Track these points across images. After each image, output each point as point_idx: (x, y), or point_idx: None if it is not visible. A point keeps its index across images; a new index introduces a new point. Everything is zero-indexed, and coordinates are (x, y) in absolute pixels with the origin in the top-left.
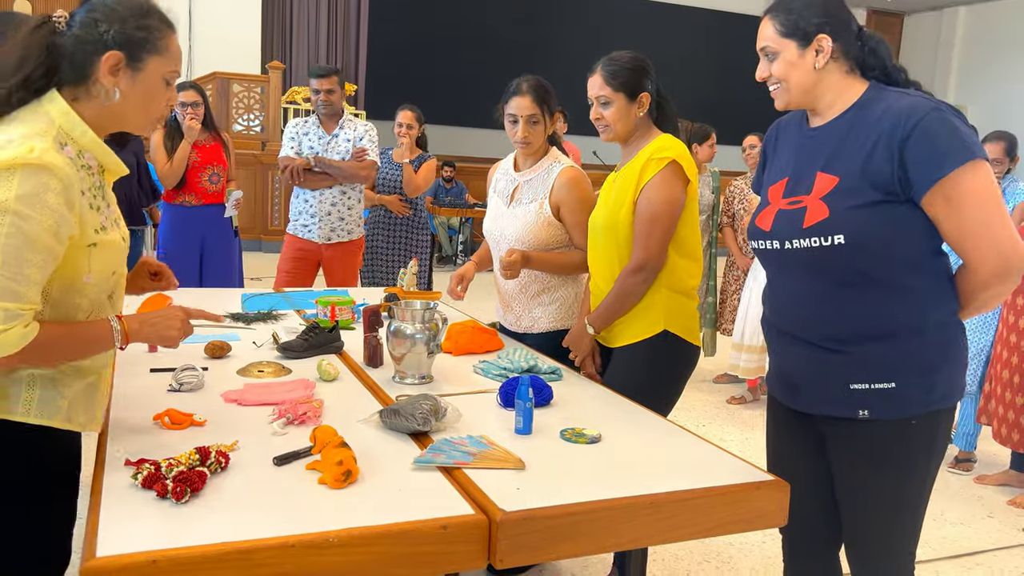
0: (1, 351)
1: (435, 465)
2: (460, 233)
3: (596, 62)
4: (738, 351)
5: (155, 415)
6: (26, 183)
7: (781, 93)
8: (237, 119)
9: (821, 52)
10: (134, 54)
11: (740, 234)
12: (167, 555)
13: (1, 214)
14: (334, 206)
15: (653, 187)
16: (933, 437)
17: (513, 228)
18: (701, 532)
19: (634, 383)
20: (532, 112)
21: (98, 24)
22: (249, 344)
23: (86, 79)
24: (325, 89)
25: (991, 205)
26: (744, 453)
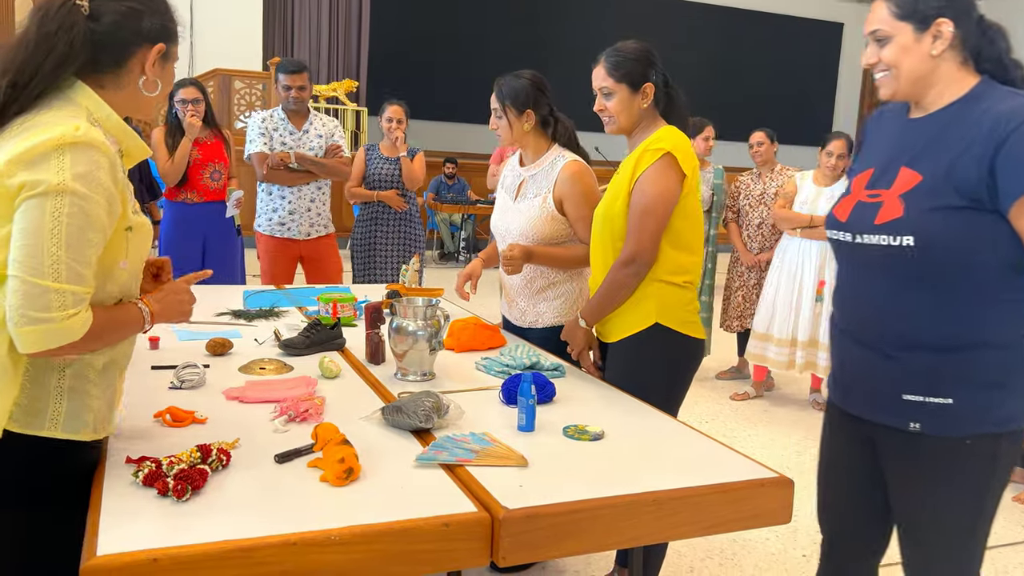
0: (68, 336)
1: (437, 462)
2: (462, 230)
3: (602, 52)
4: (765, 342)
5: (156, 413)
6: (79, 162)
7: (888, 81)
8: (238, 116)
9: (939, 38)
10: (169, 45)
11: (745, 230)
12: (168, 553)
13: (60, 195)
14: (313, 202)
15: (647, 179)
16: (991, 461)
17: (518, 223)
18: (704, 529)
19: (631, 378)
20: (495, 106)
21: (140, 14)
22: (251, 341)
23: (119, 68)
24: (297, 85)
25: None
26: (747, 449)
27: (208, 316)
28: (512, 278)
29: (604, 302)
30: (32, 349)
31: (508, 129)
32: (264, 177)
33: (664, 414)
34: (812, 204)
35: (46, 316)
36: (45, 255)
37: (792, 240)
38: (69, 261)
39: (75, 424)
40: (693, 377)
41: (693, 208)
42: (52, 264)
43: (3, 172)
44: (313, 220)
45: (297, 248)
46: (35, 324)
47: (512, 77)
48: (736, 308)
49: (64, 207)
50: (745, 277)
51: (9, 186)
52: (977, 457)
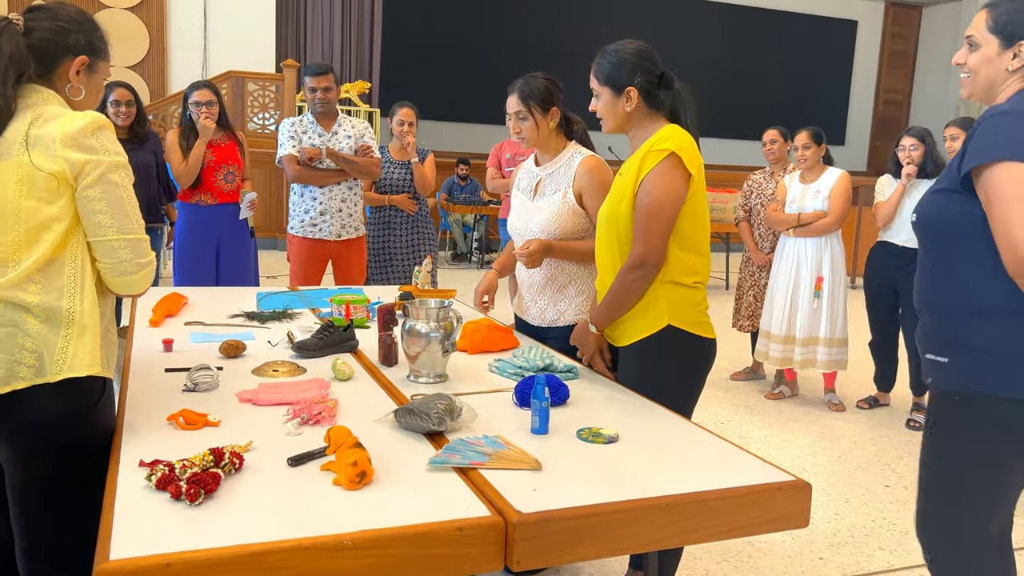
0: (147, 283)
1: (450, 466)
2: (475, 230)
3: None
4: (767, 339)
5: (169, 415)
6: (112, 140)
7: (968, 83)
8: (252, 118)
9: (1018, 57)
10: (93, 60)
11: (756, 229)
12: (181, 558)
13: (120, 168)
14: (344, 202)
15: (651, 180)
16: (972, 420)
17: (538, 220)
18: (720, 534)
19: (645, 381)
20: (518, 109)
21: (68, 32)
22: (264, 343)
23: (48, 76)
24: (322, 87)
25: (1005, 203)
26: (762, 451)
27: (221, 318)
28: (532, 276)
29: (614, 306)
30: (141, 288)
31: (535, 129)
32: (295, 178)
33: (679, 416)
34: (800, 202)
35: (148, 259)
36: (131, 215)
37: (788, 239)
38: (137, 218)
39: (111, 364)
40: (707, 377)
41: (700, 208)
42: (136, 220)
43: (58, 153)
44: (344, 221)
45: (327, 249)
46: (144, 268)
47: (529, 78)
48: (748, 308)
49: (124, 177)
50: (756, 277)
51: (70, 163)
52: (960, 414)
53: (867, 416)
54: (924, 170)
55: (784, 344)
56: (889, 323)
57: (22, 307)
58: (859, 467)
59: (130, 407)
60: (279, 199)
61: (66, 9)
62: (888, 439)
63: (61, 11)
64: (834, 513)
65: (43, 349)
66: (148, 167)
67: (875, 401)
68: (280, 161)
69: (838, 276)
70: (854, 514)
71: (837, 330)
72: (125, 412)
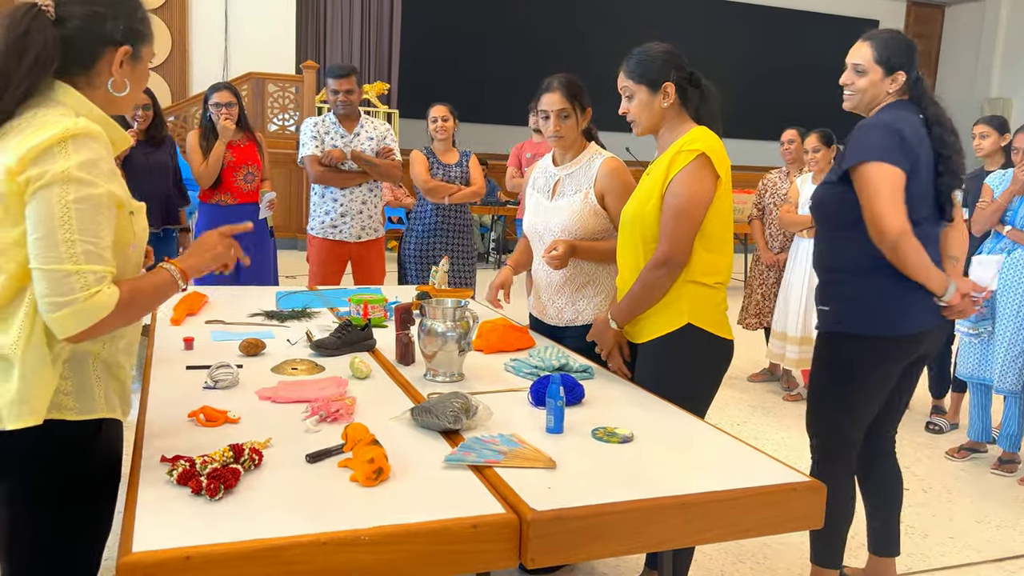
0: (97, 313)
1: (466, 464)
2: (492, 231)
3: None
4: (782, 340)
5: (190, 412)
6: (81, 151)
7: (854, 99)
8: (272, 119)
9: (895, 83)
10: (137, 46)
11: (768, 228)
12: (201, 551)
13: (66, 183)
14: (364, 204)
15: (680, 180)
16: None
17: (558, 220)
18: (734, 533)
19: (662, 378)
20: (562, 107)
21: (105, 17)
22: (283, 342)
23: (88, 70)
24: (344, 89)
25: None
26: (780, 453)
27: (241, 317)
28: (550, 276)
29: (635, 303)
30: (68, 333)
31: (575, 128)
32: (317, 178)
33: (693, 416)
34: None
35: (71, 299)
36: (59, 241)
37: (803, 240)
38: (83, 244)
39: (114, 403)
40: (723, 378)
41: (726, 209)
42: (67, 248)
43: (14, 170)
44: (364, 223)
45: (347, 250)
46: (63, 308)
47: (567, 76)
48: (755, 306)
49: (70, 194)
50: (765, 276)
51: (19, 183)
52: (834, 348)
53: None
54: None
55: (800, 345)
56: None
57: None
58: None
59: (151, 404)
60: (299, 199)
61: None
62: (907, 441)
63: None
64: None
65: None
66: (164, 168)
67: None
68: (302, 161)
69: None
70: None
71: None
72: (147, 409)
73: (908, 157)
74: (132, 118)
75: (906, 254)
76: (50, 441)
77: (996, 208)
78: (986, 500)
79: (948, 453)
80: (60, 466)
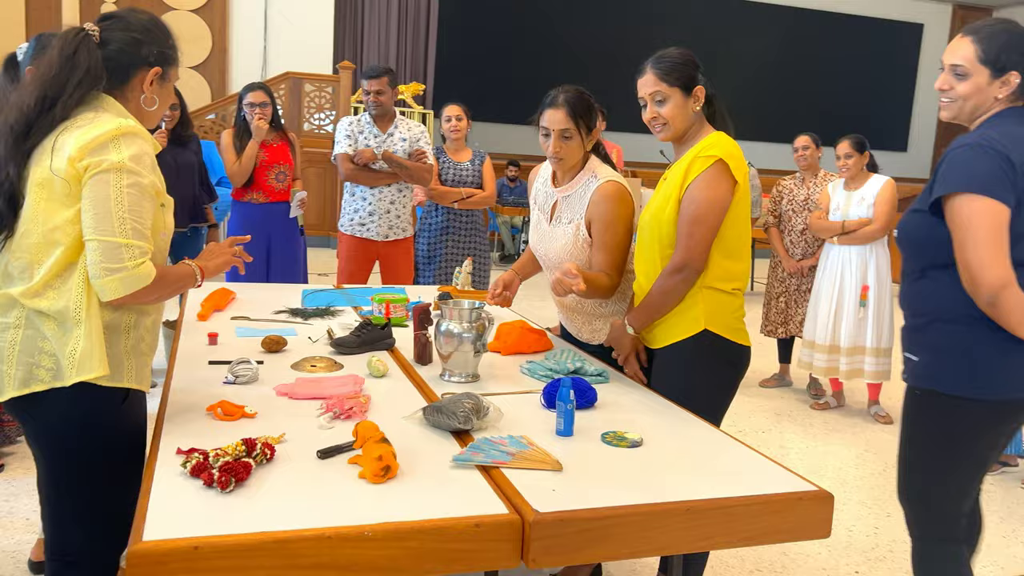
0: (140, 281)
1: (474, 464)
2: (523, 232)
3: (644, 62)
4: (811, 348)
5: (209, 406)
6: (131, 146)
7: (954, 108)
8: (308, 118)
9: (1007, 85)
10: (166, 70)
11: (787, 236)
12: (208, 542)
13: (120, 172)
14: (393, 204)
15: (698, 186)
16: (936, 413)
17: (555, 250)
18: (739, 541)
19: (678, 384)
20: (565, 126)
21: (142, 43)
22: (305, 339)
23: (123, 86)
24: (375, 90)
25: (964, 232)
26: (804, 461)
27: (267, 314)
28: (566, 297)
29: (652, 308)
30: (114, 295)
31: (578, 150)
32: (347, 176)
33: (704, 422)
34: (844, 209)
35: (120, 266)
36: (114, 218)
37: (833, 247)
38: (132, 222)
39: (141, 375)
40: (739, 384)
41: (743, 215)
42: (120, 224)
43: (74, 157)
44: (392, 222)
45: (375, 249)
46: (113, 274)
47: (574, 92)
48: (778, 314)
49: (122, 180)
50: (787, 283)
51: (79, 168)
52: (920, 406)
53: None
54: None
55: (829, 354)
56: None
57: (41, 312)
58: None
59: (173, 397)
60: (332, 199)
61: (138, 17)
62: None
63: (133, 20)
64: (874, 527)
65: (58, 352)
66: (191, 167)
67: None
68: (335, 158)
69: (884, 284)
70: (895, 528)
71: (883, 340)
72: (168, 402)
73: (1016, 187)
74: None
75: (1008, 310)
76: (86, 401)
77: None
78: (1014, 515)
79: None
80: (92, 425)
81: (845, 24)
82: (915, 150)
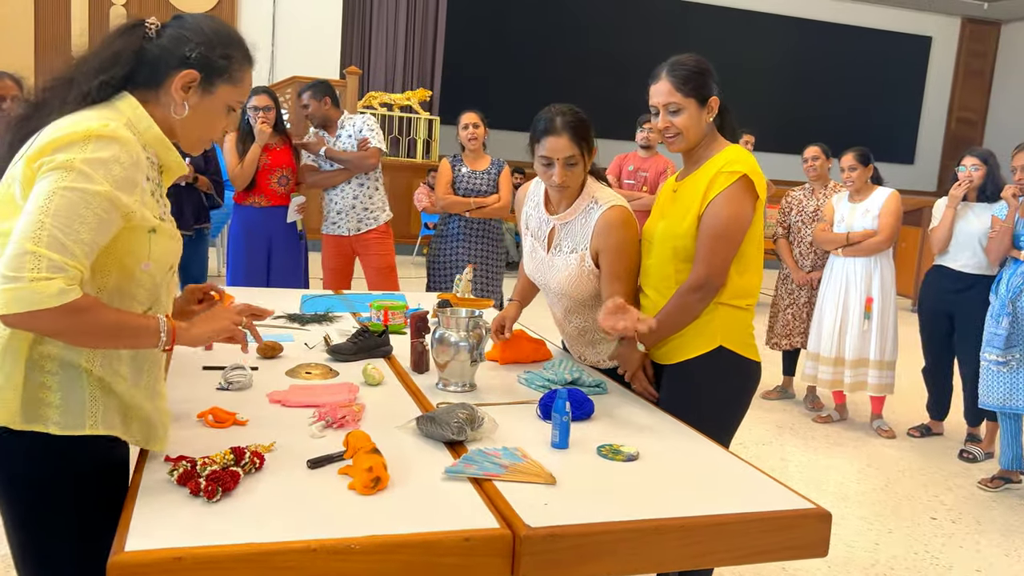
0: (35, 300)
1: (466, 476)
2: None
3: (658, 68)
4: (815, 361)
5: (200, 412)
6: (98, 150)
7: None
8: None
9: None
10: (210, 78)
11: (797, 247)
12: (192, 553)
13: (66, 170)
14: (356, 199)
15: (721, 202)
16: None
17: (557, 280)
18: (735, 559)
19: (691, 401)
20: (570, 153)
21: (187, 41)
22: (301, 345)
23: (157, 87)
24: (301, 105)
25: None
26: (804, 476)
27: (264, 319)
28: (567, 323)
29: (669, 325)
30: (4, 310)
31: (582, 175)
32: (310, 185)
33: (703, 436)
34: (848, 221)
35: (15, 275)
36: (32, 221)
37: (837, 259)
38: (52, 229)
39: (113, 421)
40: (751, 400)
41: (759, 232)
42: (36, 229)
43: (33, 157)
44: (360, 215)
45: (349, 244)
46: (7, 284)
47: (574, 114)
48: (785, 326)
49: (62, 181)
50: (796, 295)
51: (33, 169)
52: None
53: (918, 444)
54: (983, 193)
55: (834, 366)
56: (942, 349)
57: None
58: (905, 497)
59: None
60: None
61: (199, 20)
62: (938, 469)
63: (192, 21)
64: (875, 543)
65: None
66: (198, 171)
67: (927, 430)
68: (300, 171)
69: (888, 297)
70: (896, 545)
71: (887, 352)
72: None
73: None
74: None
75: None
76: (21, 449)
77: (1005, 232)
78: (1017, 533)
79: (981, 483)
80: (32, 475)
81: (854, 36)
82: (922, 162)
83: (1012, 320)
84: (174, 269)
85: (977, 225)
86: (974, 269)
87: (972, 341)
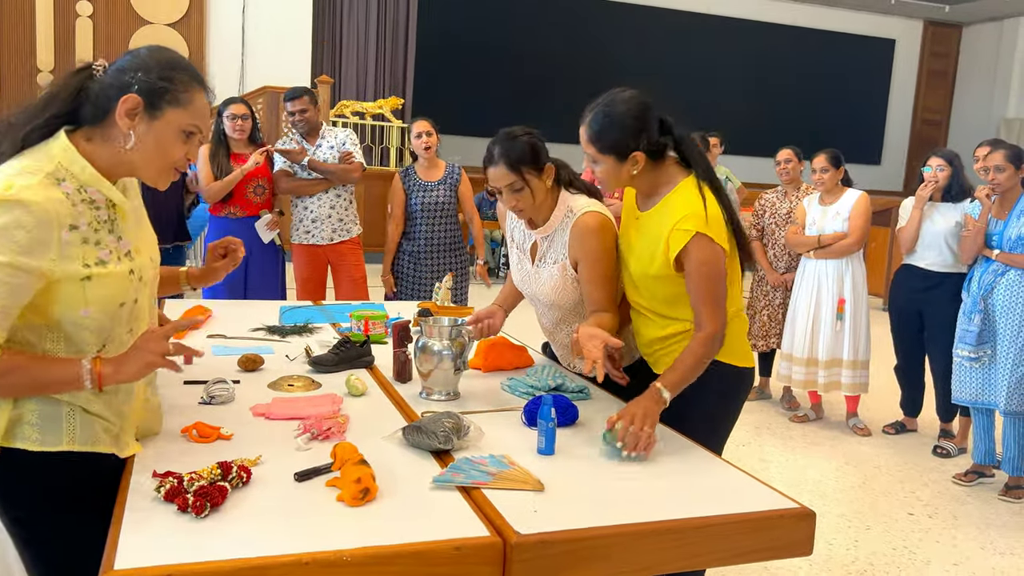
0: None
1: (454, 484)
2: (503, 245)
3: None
4: (788, 361)
5: (183, 428)
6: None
7: None
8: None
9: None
10: (153, 102)
11: (771, 249)
12: (182, 569)
13: None
14: (333, 208)
15: (691, 257)
16: None
17: (544, 292)
18: (722, 560)
19: (685, 411)
20: (510, 181)
21: (127, 71)
22: (283, 357)
23: (103, 120)
24: (298, 110)
25: None
26: (784, 475)
27: (244, 332)
28: (555, 333)
29: (688, 375)
30: None
31: (532, 197)
32: (286, 190)
33: (686, 439)
34: (820, 224)
35: None
36: None
37: (809, 261)
38: None
39: (95, 436)
40: (743, 406)
41: (733, 248)
42: None
43: None
44: (335, 225)
45: (323, 253)
46: None
47: (507, 140)
48: (761, 328)
49: None
50: (770, 296)
51: None
52: None
53: (893, 441)
54: (949, 193)
55: (807, 367)
56: (913, 346)
57: None
58: (882, 494)
59: None
60: None
61: (143, 50)
62: (914, 465)
63: (136, 52)
64: (854, 540)
65: None
66: (175, 185)
67: (902, 426)
68: (275, 177)
69: (860, 298)
70: (875, 542)
71: (860, 352)
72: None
73: None
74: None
75: None
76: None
77: (978, 231)
78: (992, 526)
79: (955, 478)
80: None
81: (819, 40)
82: (888, 163)
83: (984, 317)
84: (136, 304)
85: (943, 224)
86: (941, 267)
87: (941, 338)
